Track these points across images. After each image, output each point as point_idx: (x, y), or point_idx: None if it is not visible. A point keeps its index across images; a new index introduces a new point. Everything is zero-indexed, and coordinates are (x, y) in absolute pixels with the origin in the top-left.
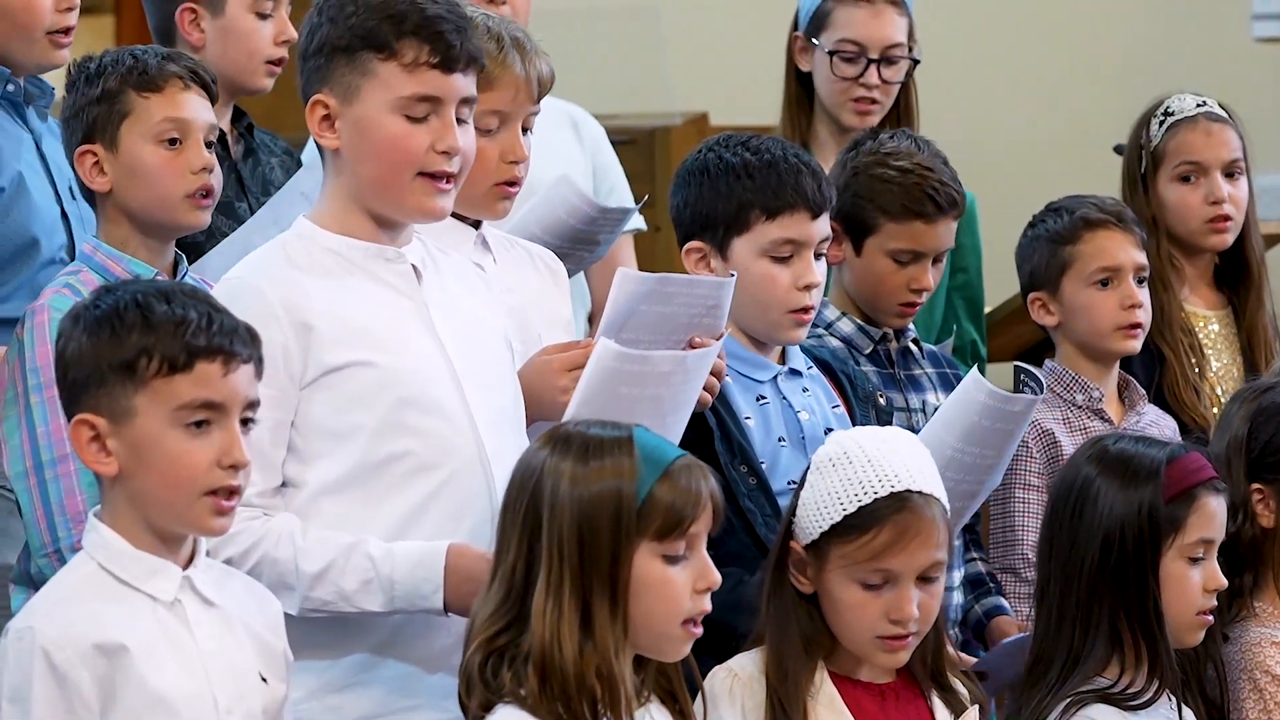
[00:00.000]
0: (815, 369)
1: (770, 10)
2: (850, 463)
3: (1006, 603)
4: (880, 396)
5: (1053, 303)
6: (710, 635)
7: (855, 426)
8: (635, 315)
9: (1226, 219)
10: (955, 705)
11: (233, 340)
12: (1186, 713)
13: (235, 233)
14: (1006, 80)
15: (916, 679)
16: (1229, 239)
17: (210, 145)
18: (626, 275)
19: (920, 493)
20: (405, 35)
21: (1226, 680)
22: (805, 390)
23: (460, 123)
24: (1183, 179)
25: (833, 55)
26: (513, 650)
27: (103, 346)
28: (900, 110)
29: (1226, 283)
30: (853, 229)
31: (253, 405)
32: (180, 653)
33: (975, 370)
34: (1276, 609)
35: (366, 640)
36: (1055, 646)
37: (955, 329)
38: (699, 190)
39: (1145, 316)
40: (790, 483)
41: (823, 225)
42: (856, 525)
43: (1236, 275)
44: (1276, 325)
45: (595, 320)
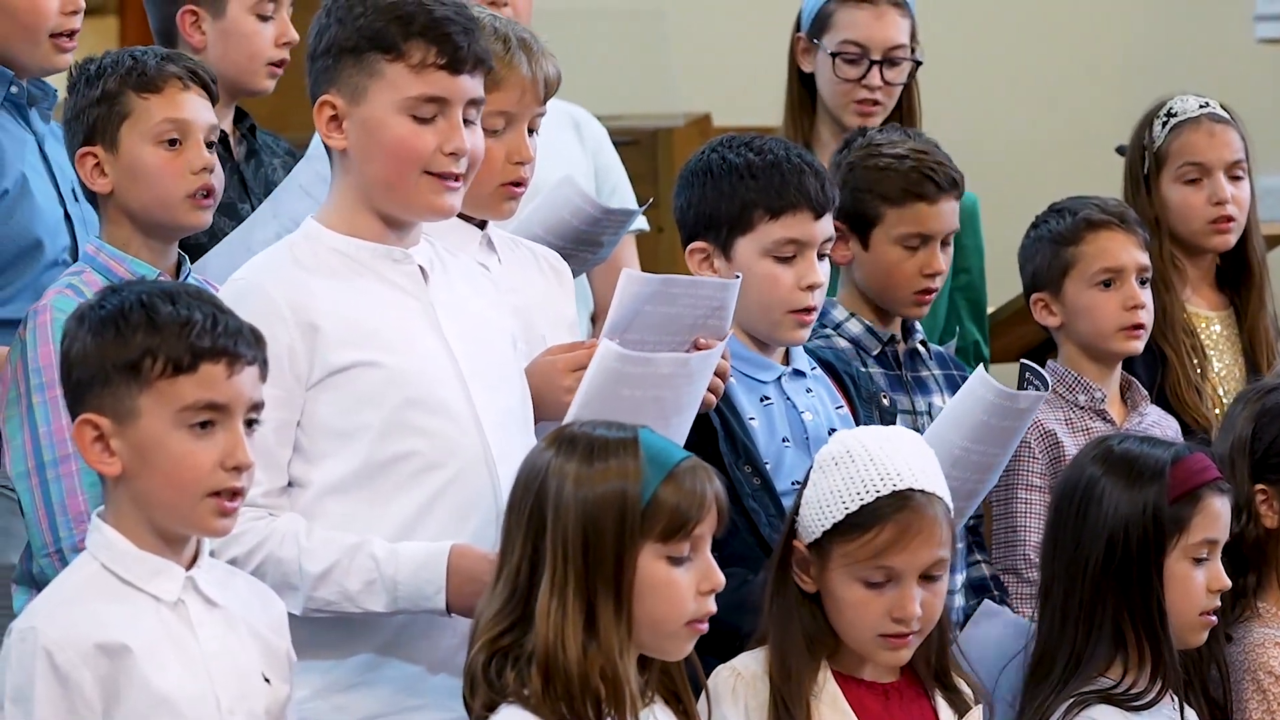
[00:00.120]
0: (819, 370)
1: (773, 11)
2: (852, 461)
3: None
4: (884, 398)
5: (1055, 303)
6: (714, 635)
7: (859, 427)
8: (640, 316)
9: (1230, 220)
10: (959, 705)
11: (237, 342)
12: (1189, 713)
13: (235, 230)
14: (1007, 80)
15: (920, 678)
16: (1232, 239)
17: (211, 145)
18: (631, 276)
19: (922, 491)
20: (413, 36)
21: (1230, 681)
22: (809, 391)
23: (467, 124)
24: (1186, 180)
25: (835, 57)
26: (517, 650)
27: (107, 347)
28: (903, 111)
29: (1228, 284)
30: (857, 224)
31: (257, 407)
32: (183, 653)
33: (981, 368)
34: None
35: (372, 640)
36: (1059, 646)
37: (958, 330)
38: (702, 191)
39: (1148, 317)
40: (794, 483)
41: (826, 225)
42: (858, 523)
43: (1238, 276)
44: (1278, 326)
45: (598, 321)
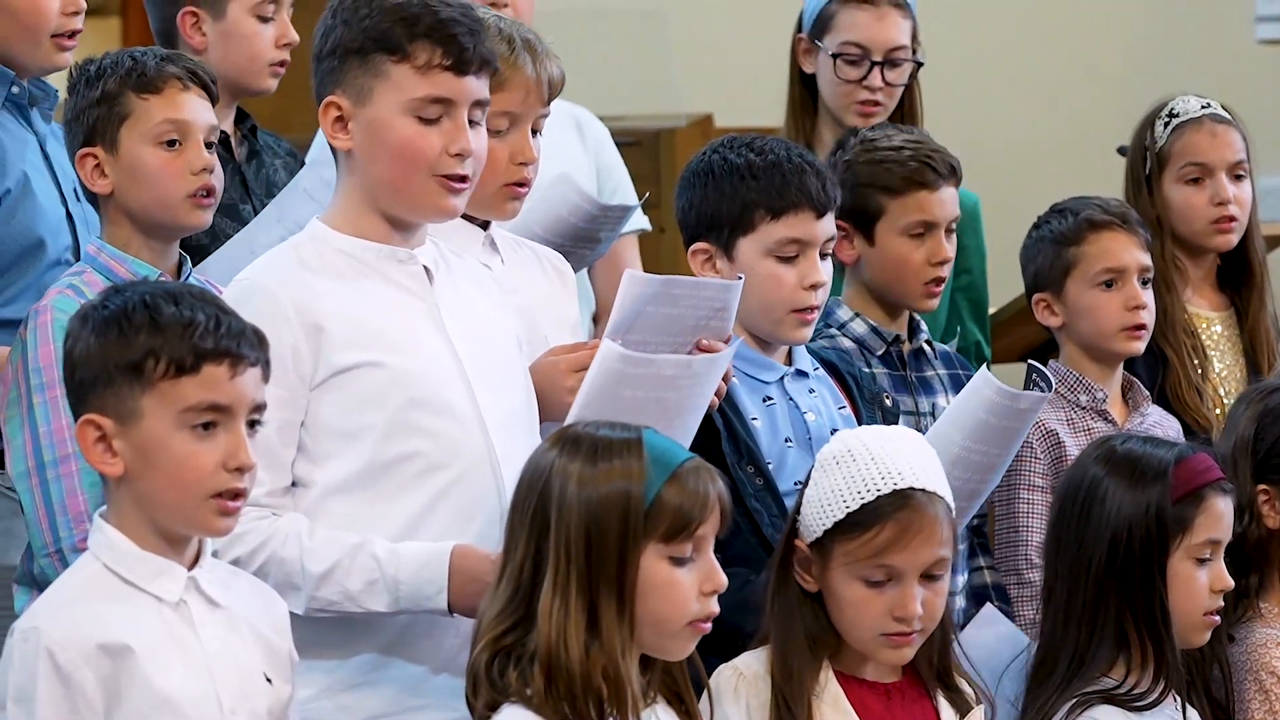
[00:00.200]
0: (821, 370)
1: (774, 12)
2: (854, 460)
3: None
4: (887, 398)
5: (1057, 304)
6: (716, 635)
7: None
8: (642, 317)
9: (1232, 220)
10: (961, 705)
11: (240, 343)
12: (1191, 713)
13: (239, 233)
14: (1007, 80)
15: (922, 678)
16: (1234, 240)
17: (211, 146)
18: (633, 277)
19: (923, 490)
20: (418, 37)
21: (1232, 681)
22: (811, 391)
23: (473, 125)
24: (1188, 180)
25: (836, 57)
26: (519, 650)
27: (110, 347)
28: (904, 112)
29: (1229, 284)
30: (860, 221)
31: (259, 408)
32: (185, 653)
33: (984, 368)
34: None
35: (375, 640)
36: (1061, 647)
37: (959, 330)
38: (704, 191)
39: (1149, 318)
40: (796, 483)
41: (827, 225)
42: (859, 522)
43: (1239, 277)
44: (1278, 327)
45: (600, 321)
